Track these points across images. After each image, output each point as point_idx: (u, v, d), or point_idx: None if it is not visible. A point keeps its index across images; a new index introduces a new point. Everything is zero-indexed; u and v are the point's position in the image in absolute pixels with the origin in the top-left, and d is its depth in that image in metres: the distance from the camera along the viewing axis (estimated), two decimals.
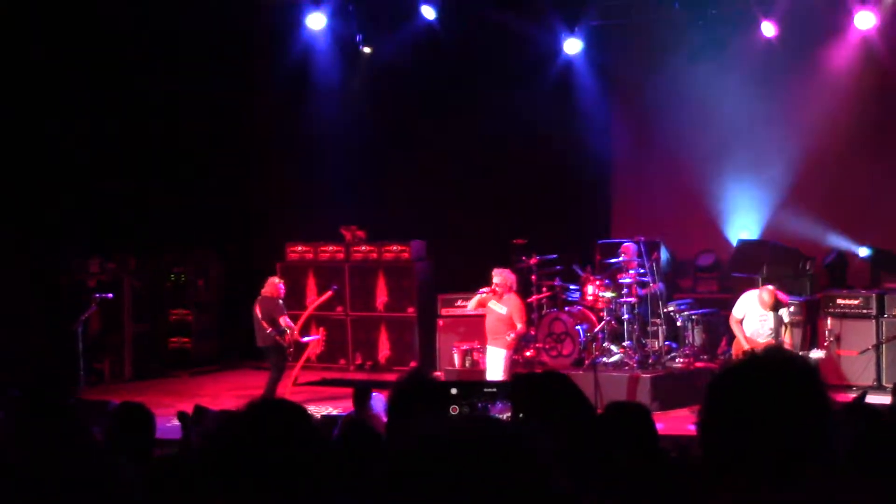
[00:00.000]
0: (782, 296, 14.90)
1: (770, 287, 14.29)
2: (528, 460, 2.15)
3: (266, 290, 16.94)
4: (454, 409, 5.19)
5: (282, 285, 17.14)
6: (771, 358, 2.91)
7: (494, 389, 5.54)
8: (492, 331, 15.55)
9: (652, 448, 5.11)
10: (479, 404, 5.46)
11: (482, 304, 15.62)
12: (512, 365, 15.75)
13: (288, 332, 16.56)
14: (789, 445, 2.77)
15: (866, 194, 19.08)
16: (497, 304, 15.42)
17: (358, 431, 5.33)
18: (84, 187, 20.04)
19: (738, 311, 14.55)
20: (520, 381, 5.31)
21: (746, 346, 14.01)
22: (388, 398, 5.29)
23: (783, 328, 14.39)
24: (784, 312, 14.40)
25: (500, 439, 2.16)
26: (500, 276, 15.53)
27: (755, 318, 14.21)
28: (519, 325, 15.35)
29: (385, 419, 6.00)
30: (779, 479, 2.75)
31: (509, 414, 5.23)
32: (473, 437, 2.16)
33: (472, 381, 13.66)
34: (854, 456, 4.38)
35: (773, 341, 14.03)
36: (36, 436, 4.98)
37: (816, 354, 14.86)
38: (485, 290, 15.60)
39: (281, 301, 16.88)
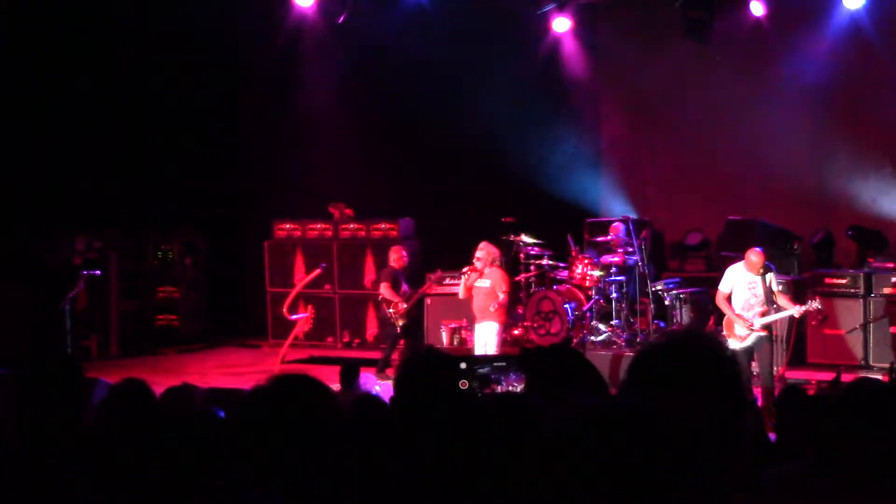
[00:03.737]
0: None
1: (758, 249, 14.09)
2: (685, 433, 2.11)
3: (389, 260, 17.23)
4: (463, 384, 5.17)
5: (400, 254, 17.32)
6: (687, 341, 2.90)
7: (504, 363, 5.55)
8: (479, 308, 15.46)
9: None
10: (493, 376, 5.46)
11: (469, 287, 15.52)
12: (502, 342, 15.73)
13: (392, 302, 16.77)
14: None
15: (853, 172, 19.13)
16: (481, 280, 15.37)
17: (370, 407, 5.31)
18: (71, 165, 19.97)
19: (724, 285, 14.30)
20: (532, 355, 5.29)
21: (737, 323, 13.93)
22: (396, 373, 5.28)
23: (774, 295, 14.21)
24: (772, 279, 14.25)
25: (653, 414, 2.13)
26: (483, 249, 15.40)
27: (744, 286, 14.02)
28: (501, 295, 15.25)
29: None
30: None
31: (523, 386, 5.24)
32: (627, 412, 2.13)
33: (481, 356, 13.51)
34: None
35: (767, 308, 13.93)
36: (39, 413, 4.96)
37: (814, 304, 14.67)
38: (465, 269, 15.50)
39: (395, 271, 16.98)
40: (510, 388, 5.49)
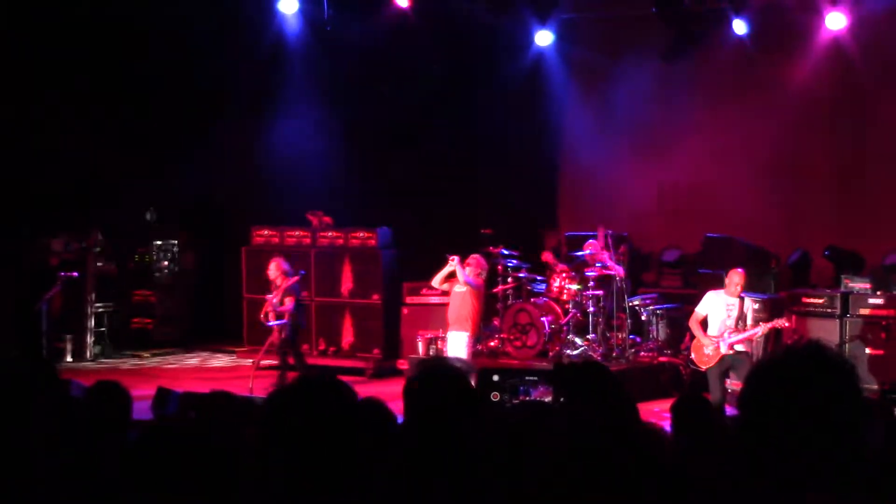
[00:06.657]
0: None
1: (740, 269, 14.11)
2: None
3: None
4: (495, 396, 5.24)
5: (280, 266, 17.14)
6: (809, 356, 2.83)
7: (535, 378, 5.63)
8: (454, 313, 15.47)
9: None
10: (522, 388, 5.52)
11: (445, 278, 15.50)
12: (475, 353, 15.72)
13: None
14: (827, 448, 2.71)
15: (830, 192, 19.22)
16: (460, 286, 15.38)
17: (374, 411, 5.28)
18: (49, 166, 19.88)
19: (701, 308, 14.29)
20: (562, 369, 5.38)
21: (705, 346, 13.94)
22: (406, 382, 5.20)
23: (745, 319, 14.24)
24: (749, 306, 14.30)
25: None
26: (476, 258, 15.49)
27: (721, 309, 14.03)
28: (468, 278, 15.25)
29: None
30: (817, 483, 2.69)
31: (550, 398, 5.30)
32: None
33: (512, 369, 13.44)
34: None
35: (736, 330, 13.96)
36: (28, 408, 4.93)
37: (780, 322, 14.71)
38: (454, 259, 15.39)
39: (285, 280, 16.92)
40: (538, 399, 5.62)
